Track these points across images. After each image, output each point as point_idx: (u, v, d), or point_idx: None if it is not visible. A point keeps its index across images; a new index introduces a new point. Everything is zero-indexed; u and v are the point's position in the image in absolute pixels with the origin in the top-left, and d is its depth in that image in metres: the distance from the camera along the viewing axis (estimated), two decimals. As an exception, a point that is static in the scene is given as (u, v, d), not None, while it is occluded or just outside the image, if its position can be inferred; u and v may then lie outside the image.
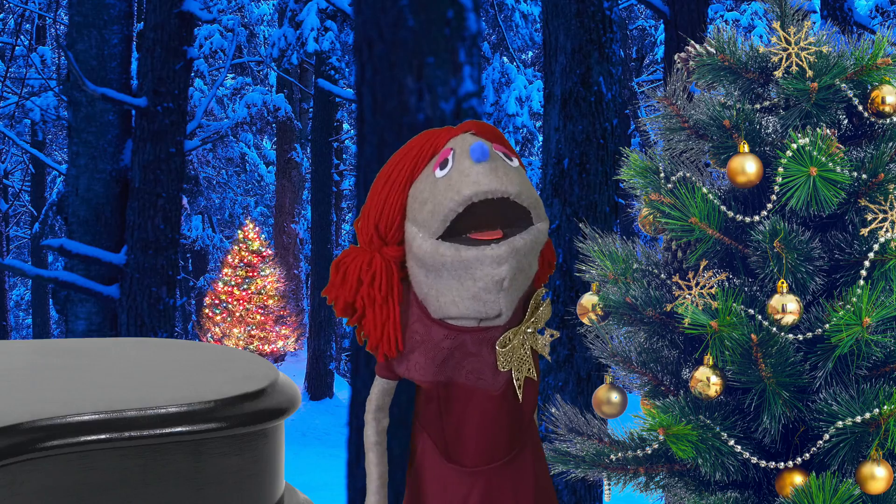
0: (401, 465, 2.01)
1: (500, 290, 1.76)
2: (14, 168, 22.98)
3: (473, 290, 1.76)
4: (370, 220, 1.84)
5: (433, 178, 1.78)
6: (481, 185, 1.72)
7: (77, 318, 8.39)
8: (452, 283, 1.77)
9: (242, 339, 19.78)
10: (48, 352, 2.16)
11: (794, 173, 2.02)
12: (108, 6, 8.33)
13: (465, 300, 1.78)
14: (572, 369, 6.13)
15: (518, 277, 1.78)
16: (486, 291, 1.76)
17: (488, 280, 1.75)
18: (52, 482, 1.58)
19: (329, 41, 16.35)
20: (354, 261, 1.84)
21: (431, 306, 1.83)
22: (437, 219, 1.75)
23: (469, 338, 1.82)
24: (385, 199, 1.82)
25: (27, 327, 25.44)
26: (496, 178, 1.73)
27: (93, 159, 8.34)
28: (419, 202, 1.78)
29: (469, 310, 1.79)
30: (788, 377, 2.02)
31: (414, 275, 1.84)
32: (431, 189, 1.77)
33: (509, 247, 1.74)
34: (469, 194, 1.72)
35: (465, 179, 1.73)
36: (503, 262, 1.73)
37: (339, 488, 7.63)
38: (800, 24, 2.16)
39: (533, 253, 1.80)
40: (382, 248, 1.84)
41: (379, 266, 1.83)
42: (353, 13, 4.00)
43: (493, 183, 1.73)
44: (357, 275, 1.83)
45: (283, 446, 1.89)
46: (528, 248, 1.77)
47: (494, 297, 1.77)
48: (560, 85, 6.31)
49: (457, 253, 1.74)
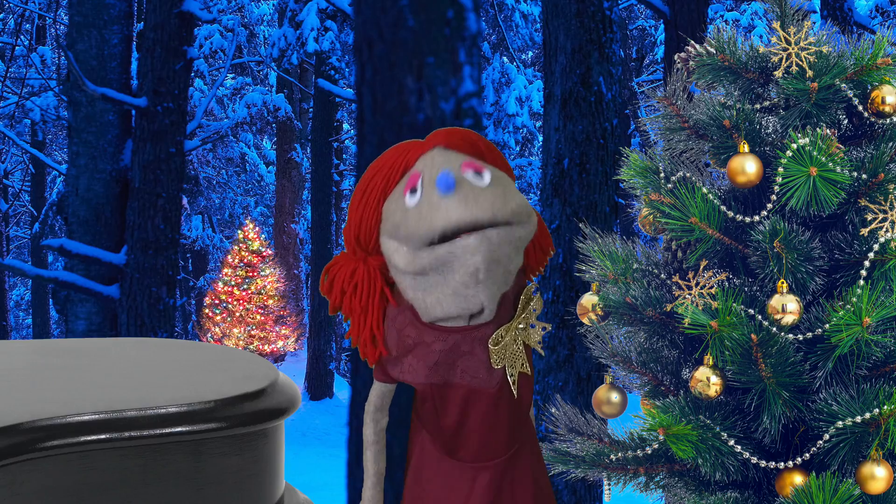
0: (401, 464, 2.01)
1: (477, 281, 1.77)
2: (14, 168, 22.97)
3: (453, 285, 1.78)
4: (351, 232, 1.89)
5: (403, 205, 1.80)
6: (451, 219, 1.74)
7: (77, 318, 8.39)
8: (435, 282, 1.79)
9: (242, 339, 19.77)
10: (48, 352, 2.16)
11: (794, 173, 2.02)
12: (108, 6, 8.32)
13: (447, 297, 1.80)
14: (572, 369, 6.13)
15: (494, 269, 1.78)
16: (464, 286, 1.78)
17: (464, 272, 1.76)
18: (52, 482, 1.58)
19: (329, 41, 16.35)
20: (340, 271, 1.90)
21: (420, 311, 1.85)
22: (414, 244, 1.78)
23: (461, 338, 1.84)
24: (361, 214, 1.87)
25: (27, 327, 25.44)
26: (467, 209, 1.74)
27: (93, 159, 8.34)
28: (391, 224, 1.82)
29: (452, 307, 1.81)
30: (788, 377, 2.02)
31: (399, 282, 1.86)
32: (403, 216, 1.80)
33: (481, 236, 1.75)
34: (440, 227, 1.75)
35: (436, 213, 1.75)
36: (476, 251, 1.74)
37: (339, 488, 7.63)
38: (800, 24, 2.16)
39: (511, 246, 1.80)
40: (367, 257, 1.88)
41: (361, 276, 1.88)
42: (353, 13, 4.00)
43: (465, 215, 1.74)
44: (341, 285, 1.89)
45: (283, 446, 1.89)
46: (503, 240, 1.77)
47: (473, 290, 1.78)
48: (560, 85, 6.31)
49: (432, 252, 1.76)
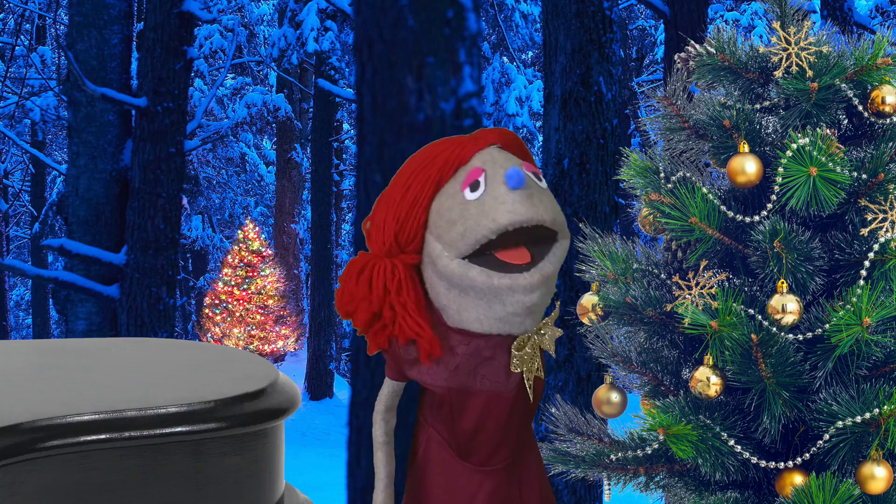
0: (401, 464, 2.01)
1: (530, 314, 1.76)
2: (14, 168, 22.97)
3: (501, 314, 1.75)
4: (389, 230, 1.79)
5: (462, 199, 1.73)
6: (518, 213, 1.70)
7: (77, 318, 8.39)
8: (479, 303, 1.75)
9: (242, 339, 19.77)
10: (48, 352, 2.16)
11: (794, 173, 2.02)
12: (108, 6, 8.32)
13: (490, 320, 1.76)
14: (572, 369, 6.13)
15: (546, 299, 1.78)
16: (514, 315, 1.75)
17: (519, 306, 1.74)
18: (52, 482, 1.58)
19: (329, 41, 16.35)
20: (377, 269, 1.79)
21: (450, 317, 1.80)
22: (468, 242, 1.72)
23: (484, 342, 1.80)
24: (407, 211, 1.77)
25: (27, 327, 25.44)
26: (532, 207, 1.70)
27: (93, 159, 8.34)
28: (446, 221, 1.74)
29: (494, 328, 1.78)
30: (788, 377, 2.02)
31: (433, 285, 1.80)
32: (461, 211, 1.73)
33: (541, 275, 1.72)
34: (505, 223, 1.70)
35: (501, 207, 1.70)
36: (535, 289, 1.72)
37: (339, 488, 7.62)
38: (800, 24, 2.15)
39: (558, 269, 1.80)
40: (400, 255, 1.80)
41: (403, 274, 1.79)
42: (353, 13, 4.00)
43: (530, 212, 1.70)
44: (383, 283, 1.78)
45: (283, 446, 1.89)
46: (555, 270, 1.77)
47: (522, 319, 1.76)
48: (560, 85, 6.31)
49: (489, 280, 1.71)
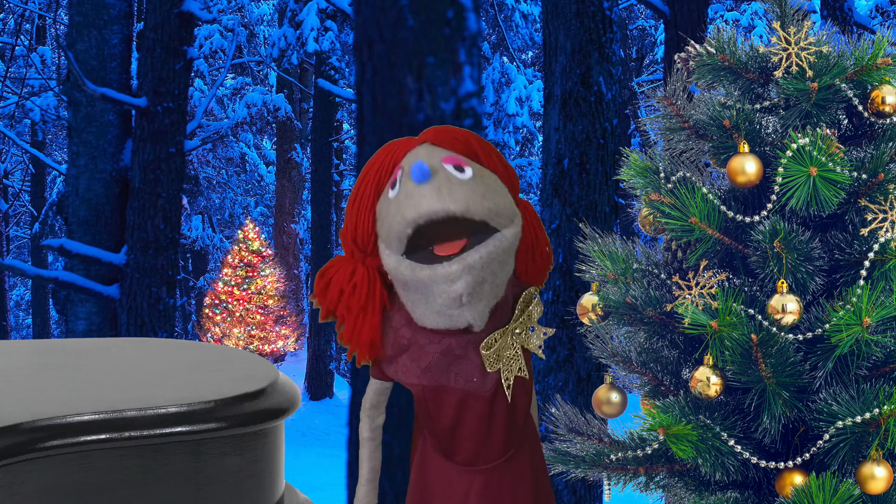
0: (401, 464, 2.01)
1: (461, 304, 1.76)
2: (14, 168, 22.96)
3: (436, 307, 1.78)
4: (348, 234, 1.88)
5: (387, 199, 1.80)
6: (421, 207, 1.72)
7: (77, 318, 8.38)
8: (420, 298, 1.79)
9: (242, 339, 19.76)
10: (48, 352, 2.17)
11: (794, 173, 2.02)
12: (108, 6, 8.32)
13: (432, 314, 1.80)
14: (572, 369, 6.12)
15: (480, 289, 1.76)
16: (447, 307, 1.77)
17: (445, 297, 1.75)
18: (52, 482, 1.58)
19: (329, 41, 16.34)
20: (338, 272, 1.87)
21: (414, 315, 1.84)
22: (394, 239, 1.77)
23: (454, 341, 1.82)
24: (357, 215, 1.85)
25: (27, 327, 25.43)
26: (438, 199, 1.72)
27: (93, 159, 8.33)
28: (381, 221, 1.81)
29: (438, 323, 1.80)
30: (788, 377, 2.02)
31: (395, 285, 1.85)
32: (386, 210, 1.79)
33: (461, 264, 1.73)
34: (412, 218, 1.73)
35: (408, 202, 1.74)
36: (456, 279, 1.73)
37: (339, 488, 7.63)
38: (800, 24, 2.15)
39: (496, 261, 1.77)
40: (365, 258, 1.86)
41: (361, 277, 1.85)
42: (353, 13, 4.00)
43: (435, 204, 1.72)
44: (339, 286, 1.86)
45: (283, 446, 1.89)
46: (487, 260, 1.75)
47: (457, 311, 1.77)
48: (560, 85, 6.31)
49: (412, 272, 1.75)
